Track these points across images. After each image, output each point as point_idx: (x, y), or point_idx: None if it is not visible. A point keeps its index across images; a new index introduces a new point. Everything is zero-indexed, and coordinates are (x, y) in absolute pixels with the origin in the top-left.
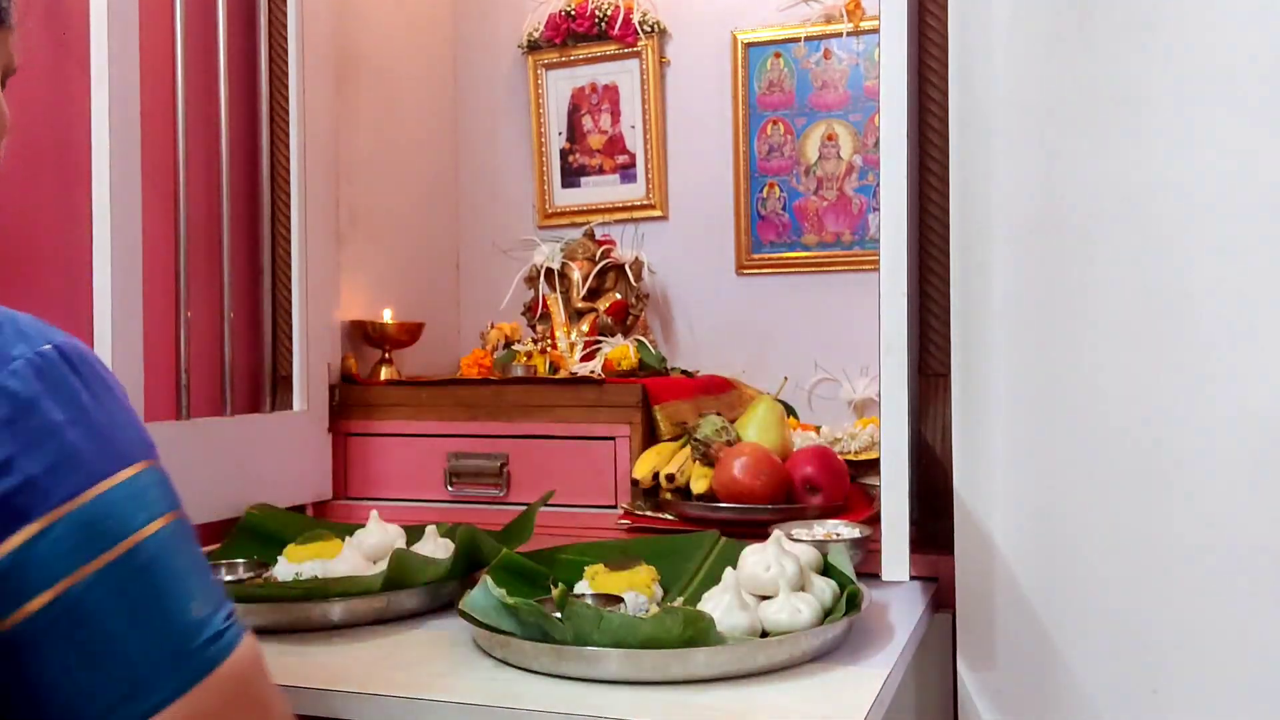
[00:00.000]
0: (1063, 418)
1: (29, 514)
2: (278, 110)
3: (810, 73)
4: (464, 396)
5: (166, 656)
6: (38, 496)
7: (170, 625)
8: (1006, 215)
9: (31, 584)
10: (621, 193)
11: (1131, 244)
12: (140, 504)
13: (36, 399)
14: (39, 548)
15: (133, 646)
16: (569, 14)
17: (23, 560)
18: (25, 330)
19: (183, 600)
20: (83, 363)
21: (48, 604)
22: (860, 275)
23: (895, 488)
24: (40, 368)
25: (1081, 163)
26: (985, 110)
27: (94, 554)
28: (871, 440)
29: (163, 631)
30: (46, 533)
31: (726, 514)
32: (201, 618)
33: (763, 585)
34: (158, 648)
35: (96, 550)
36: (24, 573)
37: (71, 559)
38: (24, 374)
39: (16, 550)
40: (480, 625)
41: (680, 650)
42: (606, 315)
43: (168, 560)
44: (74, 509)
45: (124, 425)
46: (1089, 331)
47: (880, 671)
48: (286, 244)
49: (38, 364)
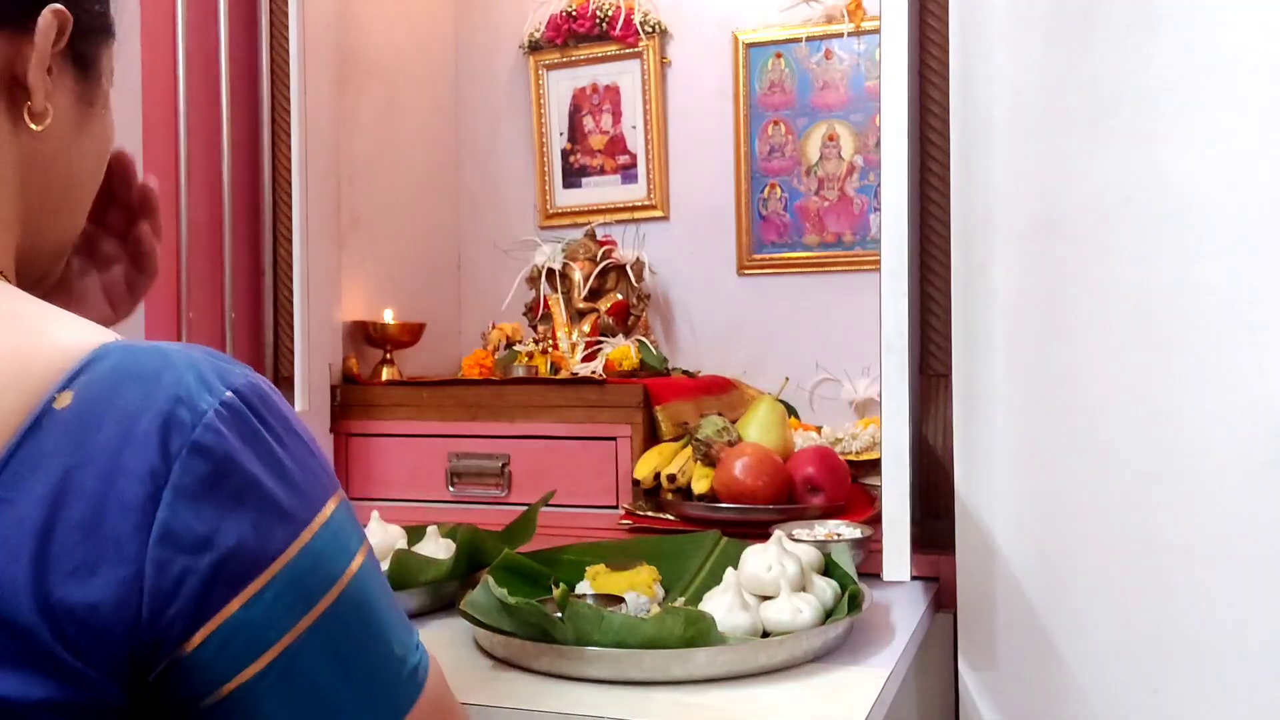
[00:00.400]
0: (1063, 417)
1: (245, 578)
2: (279, 111)
3: (811, 73)
4: (465, 397)
5: (378, 697)
6: (249, 559)
7: (381, 667)
8: (1007, 215)
9: (252, 647)
10: (623, 193)
11: (1131, 244)
12: (340, 545)
13: (234, 455)
14: (255, 610)
15: (347, 694)
16: (570, 14)
17: (242, 624)
18: (206, 376)
19: (388, 638)
20: (265, 404)
21: (267, 666)
22: (861, 275)
23: (896, 488)
24: (232, 420)
25: (1081, 163)
26: (985, 110)
27: (307, 608)
28: (873, 440)
29: (374, 674)
30: (262, 594)
31: (728, 514)
32: (405, 652)
33: (764, 585)
34: (370, 691)
35: (310, 604)
36: (243, 636)
37: (288, 617)
38: (217, 428)
39: (235, 615)
40: (481, 625)
41: (681, 650)
42: (608, 315)
43: (370, 598)
44: (285, 565)
45: (312, 464)
46: (1089, 331)
47: (881, 671)
48: (288, 244)
49: (228, 417)
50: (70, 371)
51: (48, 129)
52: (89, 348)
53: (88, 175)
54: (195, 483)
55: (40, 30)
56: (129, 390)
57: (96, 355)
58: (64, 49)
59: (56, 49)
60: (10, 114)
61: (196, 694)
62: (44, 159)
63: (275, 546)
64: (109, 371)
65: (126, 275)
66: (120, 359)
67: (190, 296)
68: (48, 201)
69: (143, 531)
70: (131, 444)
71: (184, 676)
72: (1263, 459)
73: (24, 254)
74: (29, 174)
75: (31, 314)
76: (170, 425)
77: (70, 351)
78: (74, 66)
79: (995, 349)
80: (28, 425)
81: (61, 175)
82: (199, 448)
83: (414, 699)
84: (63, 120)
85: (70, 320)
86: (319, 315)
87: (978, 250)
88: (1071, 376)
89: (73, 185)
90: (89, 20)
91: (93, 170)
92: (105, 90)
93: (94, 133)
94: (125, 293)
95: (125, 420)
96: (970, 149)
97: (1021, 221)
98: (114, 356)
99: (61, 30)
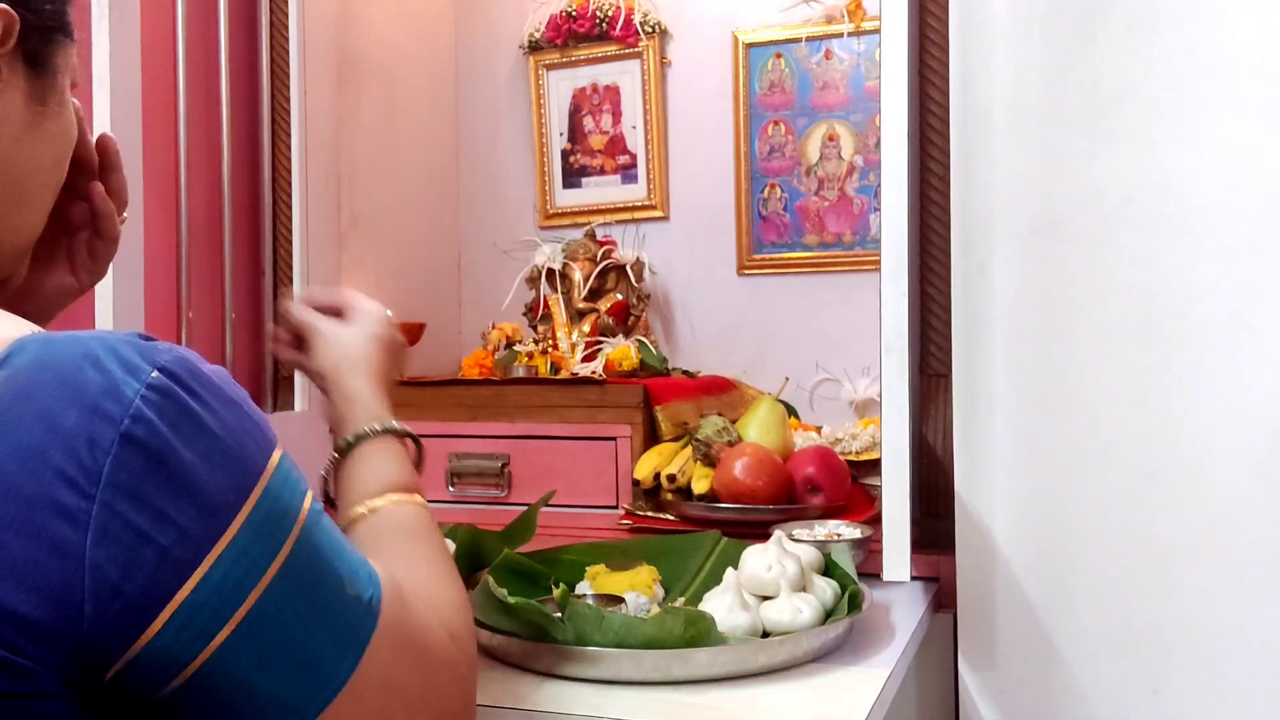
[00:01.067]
0: (1063, 417)
1: (193, 562)
2: (279, 111)
3: (811, 73)
4: (465, 397)
5: (344, 634)
6: (194, 542)
7: (342, 603)
8: (1007, 215)
9: (214, 620)
10: (623, 193)
11: (1131, 244)
12: (287, 498)
13: (166, 441)
14: (209, 586)
15: (317, 636)
16: (570, 15)
17: (198, 605)
18: (129, 359)
19: (344, 572)
20: (193, 376)
21: (231, 633)
22: (861, 275)
23: (896, 488)
24: (160, 404)
25: (1081, 163)
26: (985, 110)
27: (268, 564)
28: (873, 440)
29: (337, 611)
30: (215, 568)
31: (728, 514)
32: (358, 587)
33: (764, 585)
34: (336, 629)
35: (269, 560)
36: (203, 615)
37: (248, 580)
38: (146, 416)
39: (188, 600)
40: (481, 625)
41: (681, 650)
42: (608, 316)
43: (321, 541)
44: (226, 545)
45: (248, 426)
46: (1090, 331)
47: (881, 672)
48: (288, 245)
49: (156, 401)
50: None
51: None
52: (4, 342)
53: (44, 173)
54: (129, 477)
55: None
56: (50, 384)
57: (13, 350)
58: (14, 48)
59: (4, 49)
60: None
61: (160, 681)
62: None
63: (218, 528)
64: (27, 365)
65: (88, 242)
66: (38, 352)
67: (190, 296)
68: (5, 195)
69: (79, 532)
70: (59, 441)
71: (144, 669)
72: (1263, 459)
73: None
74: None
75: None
76: (97, 419)
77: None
78: (25, 65)
79: (995, 349)
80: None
81: (14, 174)
82: (129, 439)
83: (372, 629)
84: (15, 119)
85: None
86: None
87: (978, 250)
88: (1071, 376)
89: (27, 183)
90: (39, 19)
91: (50, 168)
92: (61, 88)
93: (49, 131)
94: (88, 260)
95: (49, 416)
96: (970, 149)
97: (1021, 221)
98: (31, 350)
99: (8, 30)
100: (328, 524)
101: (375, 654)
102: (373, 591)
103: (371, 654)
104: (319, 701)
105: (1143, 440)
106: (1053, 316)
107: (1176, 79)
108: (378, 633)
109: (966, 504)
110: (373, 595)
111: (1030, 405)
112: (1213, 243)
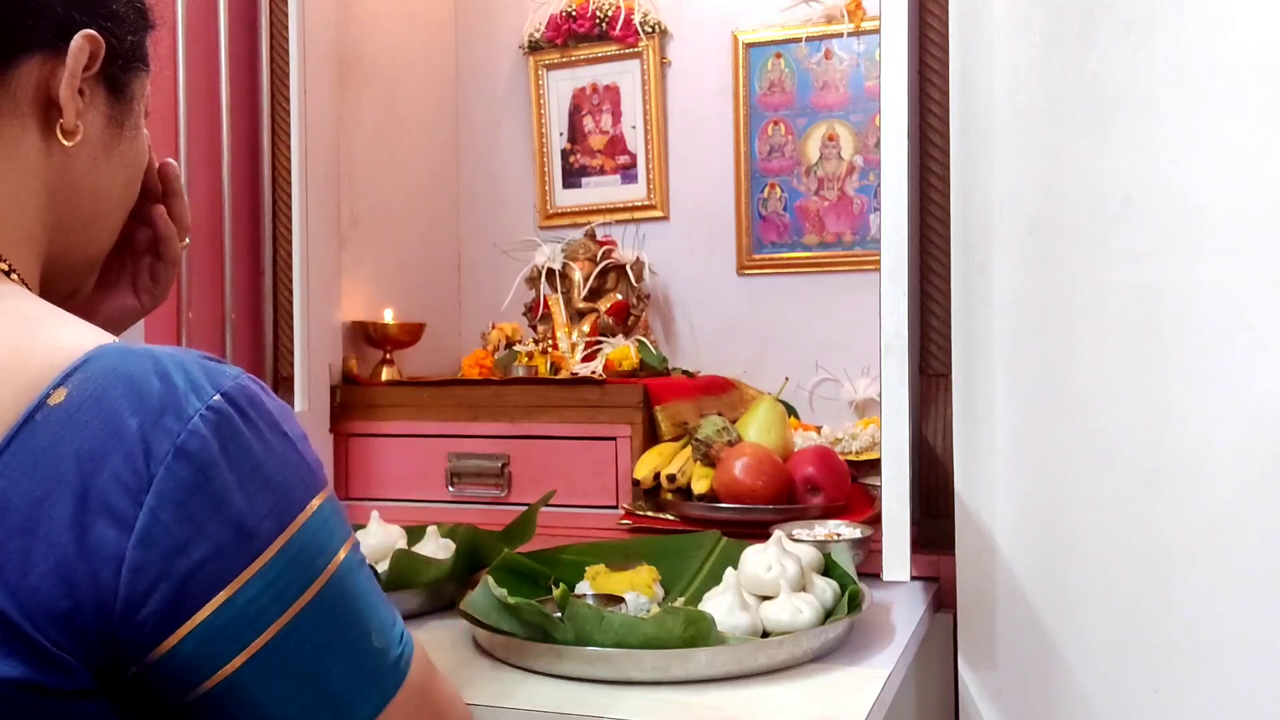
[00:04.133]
0: (1063, 417)
1: (220, 583)
2: (279, 111)
3: (811, 73)
4: (465, 397)
5: (365, 681)
6: (225, 564)
7: (366, 651)
8: (1007, 215)
9: (234, 643)
10: (622, 193)
11: (1131, 244)
12: (323, 542)
13: (215, 461)
14: (233, 610)
15: (335, 677)
16: (570, 15)
17: (220, 625)
18: (195, 379)
19: (372, 624)
20: (253, 406)
21: (249, 658)
22: (861, 275)
23: (896, 488)
24: (217, 424)
25: (1081, 163)
26: (985, 110)
27: (291, 601)
28: (872, 440)
29: (360, 658)
30: (241, 592)
31: (728, 514)
32: (387, 644)
33: (764, 585)
34: (357, 675)
35: (292, 598)
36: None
37: (271, 611)
38: (202, 433)
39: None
40: (481, 625)
41: (681, 650)
42: (607, 316)
43: (353, 592)
44: (265, 563)
45: (297, 463)
46: (1089, 331)
47: (881, 671)
48: (288, 245)
49: (213, 420)
50: (65, 370)
51: (78, 146)
52: (85, 349)
53: (117, 194)
54: (177, 488)
55: (72, 53)
56: (119, 391)
57: (91, 356)
58: (97, 73)
59: (89, 73)
60: (44, 131)
61: (177, 691)
62: (74, 174)
63: (251, 552)
64: (101, 372)
65: (150, 265)
66: (113, 360)
67: (190, 296)
68: (76, 216)
69: (124, 533)
70: (120, 445)
71: (161, 677)
72: (1263, 459)
73: (52, 266)
74: (58, 189)
75: (36, 315)
76: (157, 429)
77: (67, 351)
78: (106, 89)
79: (995, 349)
80: (22, 419)
81: (89, 191)
82: (183, 453)
83: (398, 685)
84: (93, 139)
85: (72, 323)
86: (319, 315)
87: (978, 250)
88: (1071, 376)
89: (101, 202)
90: (122, 48)
91: (121, 190)
92: (137, 114)
93: (124, 154)
94: (149, 282)
95: (114, 420)
96: (970, 149)
97: (1021, 221)
98: (108, 358)
99: (94, 55)
100: (367, 576)
101: (399, 711)
102: (403, 650)
103: (395, 709)
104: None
105: (1143, 440)
106: (1053, 316)
107: (1176, 79)
108: (403, 690)
109: (966, 504)
110: (403, 654)
111: (1030, 405)
112: (1213, 243)
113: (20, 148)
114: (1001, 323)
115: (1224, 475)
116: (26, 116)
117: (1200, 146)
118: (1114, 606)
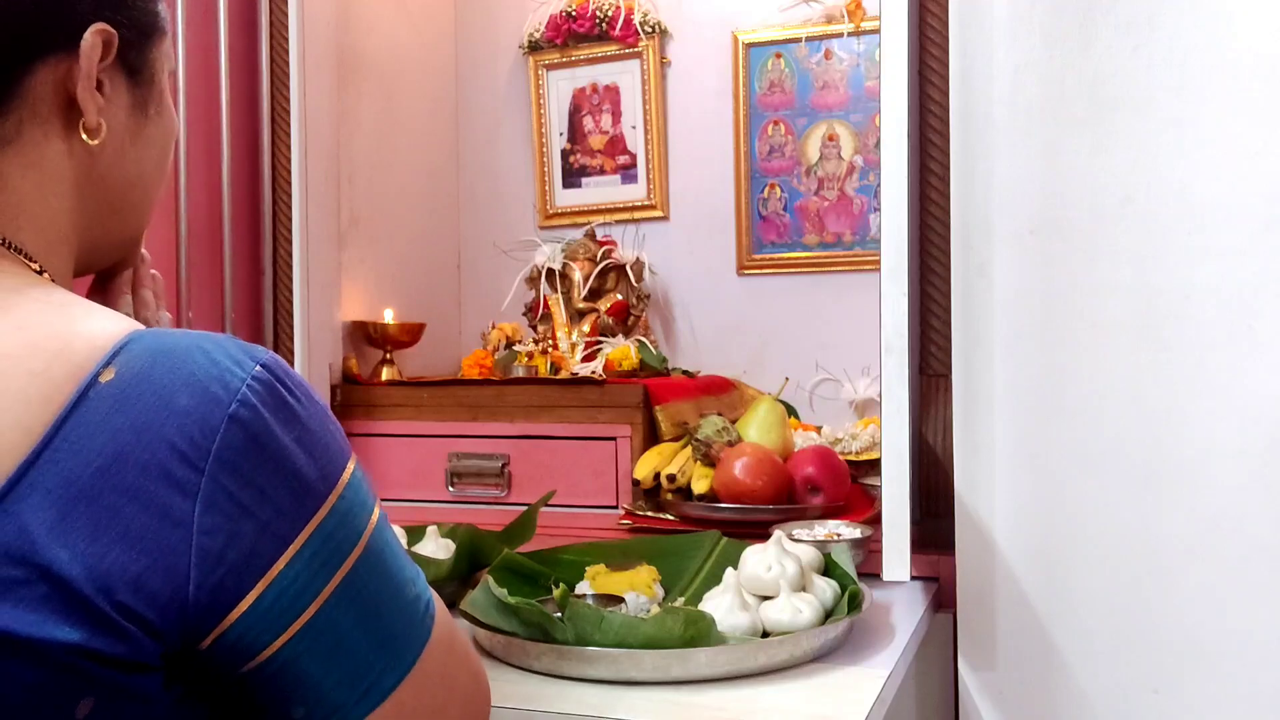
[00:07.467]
0: (1063, 418)
1: (285, 542)
2: (279, 111)
3: (811, 73)
4: (465, 397)
5: (397, 640)
6: (287, 523)
7: (398, 613)
8: (1007, 215)
9: (293, 607)
10: (622, 193)
11: (1131, 244)
12: (361, 501)
13: (268, 425)
14: (294, 571)
15: (370, 641)
16: (570, 15)
17: (284, 586)
18: (233, 353)
19: (402, 581)
20: (288, 376)
21: (305, 624)
22: (861, 275)
23: (896, 488)
24: (262, 392)
25: (1081, 163)
26: (985, 110)
27: (339, 563)
28: (872, 440)
29: (394, 619)
30: (300, 554)
31: (728, 514)
32: (417, 593)
33: (764, 585)
34: (390, 636)
35: (341, 559)
36: (286, 598)
37: (322, 575)
38: (251, 401)
39: (277, 578)
40: (481, 625)
41: (681, 650)
42: (607, 316)
43: (387, 548)
44: (317, 525)
45: (333, 429)
46: (1089, 331)
47: (881, 671)
48: (288, 244)
49: (259, 390)
50: (111, 350)
51: (103, 141)
52: (124, 333)
53: (149, 175)
54: (235, 454)
55: (84, 51)
56: (166, 369)
57: (133, 338)
58: (114, 62)
59: (105, 64)
60: (67, 133)
61: (239, 660)
62: (102, 169)
63: (308, 510)
64: (145, 350)
65: None
66: (155, 341)
67: (190, 296)
68: (107, 206)
69: (189, 500)
70: (173, 418)
71: (232, 643)
72: (1263, 459)
73: (87, 255)
74: (87, 186)
75: (72, 303)
76: (208, 401)
77: (107, 335)
78: (125, 76)
79: (995, 349)
80: (76, 396)
81: (120, 182)
82: (236, 420)
83: (426, 638)
84: (119, 130)
85: (106, 312)
86: (319, 315)
87: (978, 250)
88: (1071, 376)
89: (133, 189)
90: (136, 27)
91: (154, 169)
92: (161, 88)
93: (150, 135)
94: None
95: (165, 394)
96: (970, 149)
97: (1021, 221)
98: (146, 340)
99: (108, 46)
100: (392, 532)
101: (432, 658)
102: (429, 598)
103: (429, 657)
104: (373, 700)
105: (1143, 440)
106: (1052, 316)
107: (1176, 79)
108: (434, 637)
109: (966, 504)
110: (429, 603)
111: (1030, 405)
112: (1213, 243)
113: (45, 154)
114: (1001, 323)
115: (1224, 475)
116: (48, 122)
117: (1200, 146)
118: (1114, 606)
